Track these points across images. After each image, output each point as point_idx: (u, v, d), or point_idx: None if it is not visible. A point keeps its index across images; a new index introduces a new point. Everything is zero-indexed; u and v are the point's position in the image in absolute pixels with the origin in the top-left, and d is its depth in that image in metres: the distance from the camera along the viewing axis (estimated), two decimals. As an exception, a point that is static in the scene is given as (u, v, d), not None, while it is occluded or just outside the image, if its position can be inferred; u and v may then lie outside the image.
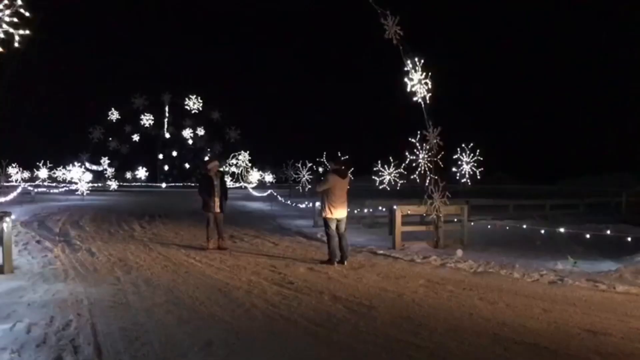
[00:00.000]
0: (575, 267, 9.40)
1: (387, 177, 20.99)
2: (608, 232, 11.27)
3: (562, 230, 11.54)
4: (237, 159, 57.94)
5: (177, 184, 58.75)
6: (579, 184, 28.92)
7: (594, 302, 7.09)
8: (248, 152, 58.05)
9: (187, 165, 64.51)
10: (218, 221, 11.65)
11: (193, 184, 54.10)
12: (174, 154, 64.82)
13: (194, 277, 8.54)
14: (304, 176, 36.42)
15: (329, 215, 9.89)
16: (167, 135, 62.87)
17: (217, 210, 11.58)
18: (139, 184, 59.28)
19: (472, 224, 13.69)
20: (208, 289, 7.63)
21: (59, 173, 46.44)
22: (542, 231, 12.11)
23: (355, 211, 17.18)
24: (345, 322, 6.06)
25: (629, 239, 10.60)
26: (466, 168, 17.74)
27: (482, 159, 18.76)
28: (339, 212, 9.94)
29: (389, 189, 17.86)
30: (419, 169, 12.89)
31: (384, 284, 8.14)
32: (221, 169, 12.08)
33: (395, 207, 12.29)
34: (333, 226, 9.91)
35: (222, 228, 11.80)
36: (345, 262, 9.81)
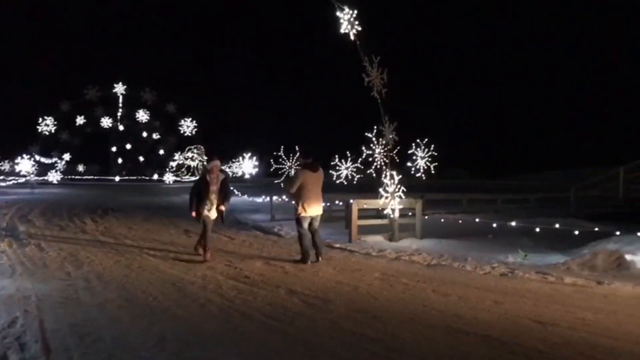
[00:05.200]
0: (525, 260, 9.67)
1: (345, 172, 21.10)
2: (557, 225, 11.62)
3: (513, 224, 11.84)
4: (192, 152, 57.15)
5: (131, 178, 57.53)
6: (534, 179, 29.76)
7: (543, 293, 7.31)
8: (204, 145, 57.31)
9: (141, 159, 63.24)
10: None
11: (148, 178, 53.16)
12: (128, 147, 63.44)
13: (148, 272, 8.40)
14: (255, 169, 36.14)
15: (303, 214, 9.44)
16: (121, 128, 61.47)
17: (212, 217, 9.68)
18: (91, 177, 57.79)
19: (427, 217, 13.90)
20: (162, 284, 7.52)
21: (7, 166, 44.85)
22: (494, 225, 12.40)
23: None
24: (302, 316, 6.07)
25: (576, 232, 10.96)
26: (421, 163, 17.97)
27: (436, 153, 19.05)
28: (314, 209, 9.54)
29: (346, 183, 17.97)
30: (375, 164, 13.02)
31: (340, 277, 8.19)
32: (223, 169, 10.17)
33: (351, 201, 12.38)
34: (306, 225, 9.47)
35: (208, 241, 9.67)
36: (321, 259, 9.51)
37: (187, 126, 58.21)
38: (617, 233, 10.29)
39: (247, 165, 45.81)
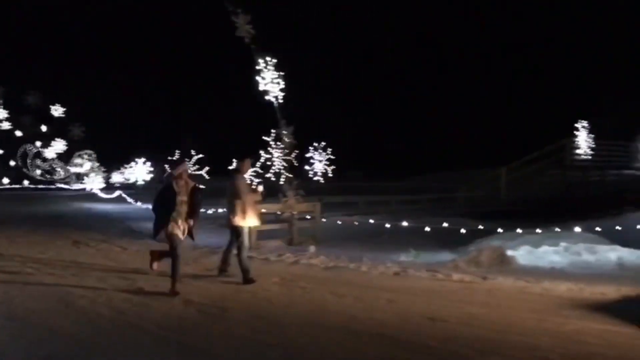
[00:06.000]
0: (417, 259, 10.09)
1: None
2: (445, 225, 12.22)
3: (405, 224, 12.31)
4: (82, 157, 54.26)
5: (15, 187, 53.65)
6: (427, 180, 31.08)
7: (434, 290, 7.66)
8: (94, 151, 54.58)
9: (27, 166, 59.14)
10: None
11: (33, 186, 49.81)
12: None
13: (32, 287, 7.86)
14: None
15: (242, 224, 8.43)
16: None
17: (181, 235, 7.72)
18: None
19: (325, 220, 14.11)
20: (48, 300, 7.07)
21: None
22: (388, 225, 12.81)
23: (210, 211, 16.93)
24: (198, 326, 5.95)
25: (463, 231, 11.58)
26: (319, 166, 18.20)
27: (334, 157, 19.39)
28: (252, 220, 8.64)
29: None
30: (274, 168, 13.06)
31: (238, 284, 8.11)
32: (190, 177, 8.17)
33: (249, 206, 12.28)
34: (247, 238, 8.51)
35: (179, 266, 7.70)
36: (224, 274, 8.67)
37: (76, 132, 55.15)
38: (500, 230, 11.01)
39: (140, 171, 44.20)
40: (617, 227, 11.75)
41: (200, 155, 36.15)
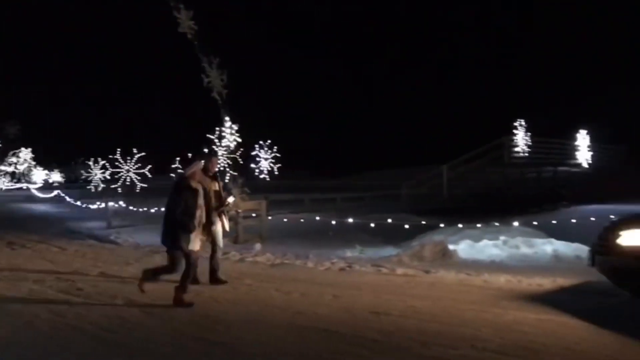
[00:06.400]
0: (362, 254, 10.21)
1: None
2: (389, 220, 12.41)
3: (350, 220, 12.43)
4: (17, 156, 52.09)
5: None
6: (371, 178, 31.43)
7: (378, 285, 7.77)
8: (30, 149, 52.51)
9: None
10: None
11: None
12: None
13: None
14: (95, 175, 34.03)
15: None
16: None
17: (197, 247, 6.83)
18: None
19: (271, 218, 14.07)
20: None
21: None
22: (334, 222, 12.90)
23: (153, 210, 16.61)
24: (141, 326, 5.82)
25: (407, 226, 11.80)
26: (265, 164, 18.13)
27: (279, 155, 19.34)
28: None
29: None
30: (218, 166, 12.91)
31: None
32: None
33: (193, 204, 12.11)
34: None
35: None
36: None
37: (11, 130, 52.83)
38: (442, 226, 11.27)
39: (80, 170, 42.85)
40: (553, 222, 12.21)
41: (143, 154, 35.34)
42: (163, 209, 6.93)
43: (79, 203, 23.73)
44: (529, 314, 6.13)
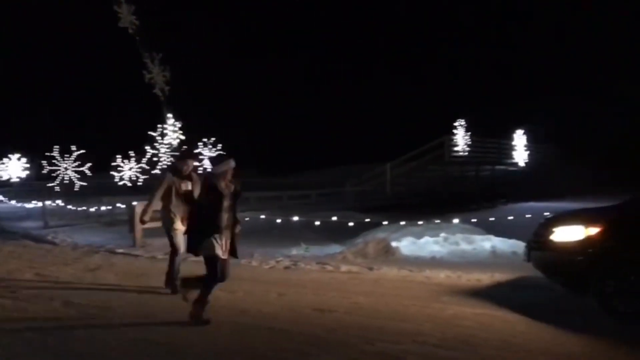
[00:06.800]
0: (307, 252, 10.26)
1: (128, 173, 20.13)
2: (334, 218, 12.51)
3: (296, 218, 12.45)
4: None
5: None
6: (316, 176, 31.56)
7: (323, 282, 7.82)
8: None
9: None
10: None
11: None
12: None
13: None
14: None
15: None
16: None
17: (223, 254, 5.94)
18: None
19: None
20: None
21: None
22: (279, 220, 12.89)
23: (93, 209, 16.14)
24: (78, 328, 5.66)
25: (351, 224, 11.92)
26: (209, 163, 17.94)
27: (224, 153, 19.20)
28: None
29: (130, 184, 17.17)
30: (161, 164, 12.67)
31: (124, 284, 7.80)
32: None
33: (135, 203, 11.86)
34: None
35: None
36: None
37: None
38: (385, 223, 11.45)
39: (14, 168, 41.04)
40: (491, 219, 12.60)
41: (82, 151, 34.21)
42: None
43: (13, 202, 22.80)
44: (469, 308, 6.31)
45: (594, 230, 6.25)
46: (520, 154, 25.23)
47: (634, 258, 6.00)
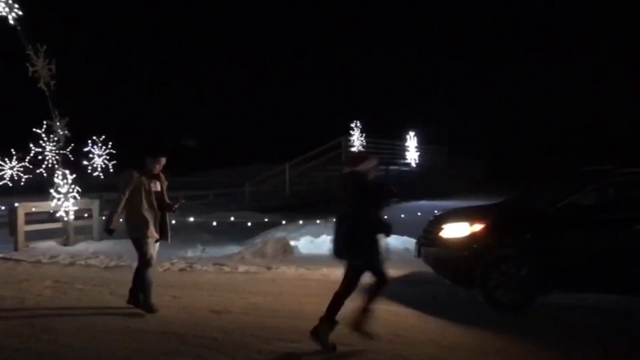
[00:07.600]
0: (204, 253, 10.08)
1: (9, 172, 18.72)
2: (232, 218, 12.39)
3: (191, 219, 12.19)
4: None
5: None
6: (212, 176, 31.02)
7: (220, 283, 7.72)
8: None
9: None
10: None
11: None
12: None
13: None
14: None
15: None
16: None
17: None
18: None
19: (105, 218, 13.30)
20: None
21: None
22: (174, 222, 12.53)
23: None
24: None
25: (250, 223, 11.86)
26: (98, 161, 17.13)
27: (115, 151, 18.37)
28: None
29: (11, 184, 15.99)
30: (46, 163, 11.93)
31: (2, 291, 7.27)
32: None
33: (17, 204, 11.09)
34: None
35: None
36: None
37: None
38: (283, 222, 11.50)
39: None
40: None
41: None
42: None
43: None
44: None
45: (477, 227, 6.65)
46: (412, 155, 26.24)
47: (508, 254, 6.47)
